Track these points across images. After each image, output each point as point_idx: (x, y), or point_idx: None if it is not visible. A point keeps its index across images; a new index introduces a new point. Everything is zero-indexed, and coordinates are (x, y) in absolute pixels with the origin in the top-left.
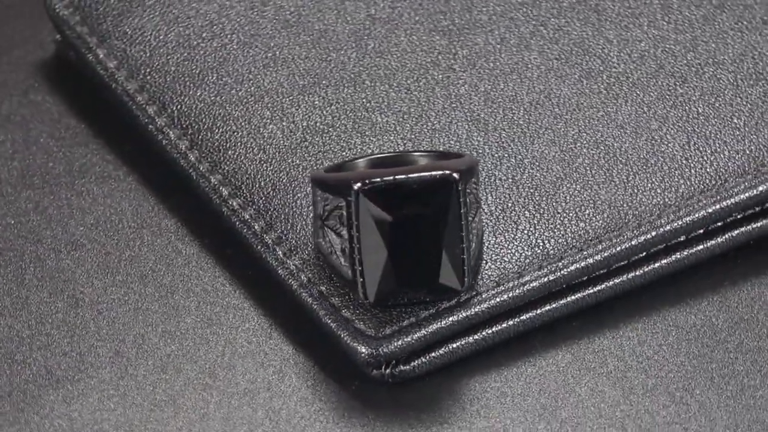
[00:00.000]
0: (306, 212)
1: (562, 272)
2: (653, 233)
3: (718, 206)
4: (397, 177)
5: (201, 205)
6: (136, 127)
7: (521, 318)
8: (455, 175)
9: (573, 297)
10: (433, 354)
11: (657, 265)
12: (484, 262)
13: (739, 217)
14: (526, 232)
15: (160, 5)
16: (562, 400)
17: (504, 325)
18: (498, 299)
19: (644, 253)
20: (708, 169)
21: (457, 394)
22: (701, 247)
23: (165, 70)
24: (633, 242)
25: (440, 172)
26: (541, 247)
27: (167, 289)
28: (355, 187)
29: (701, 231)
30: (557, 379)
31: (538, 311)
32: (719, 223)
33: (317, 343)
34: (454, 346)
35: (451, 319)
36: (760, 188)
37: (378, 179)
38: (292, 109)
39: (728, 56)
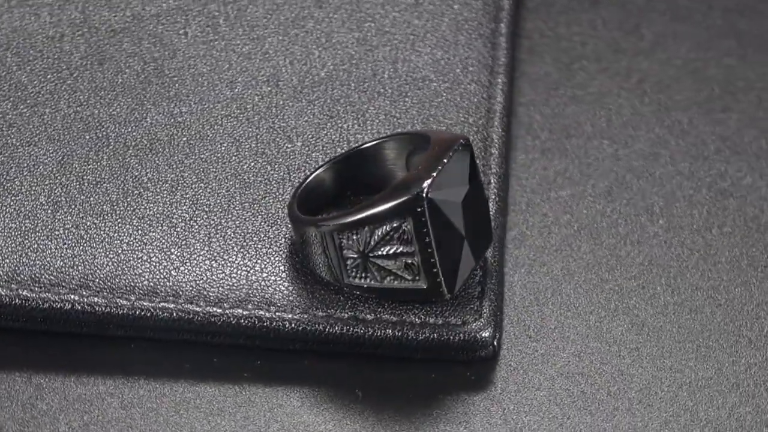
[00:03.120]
0: (288, 271)
1: (501, 176)
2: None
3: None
4: (440, 167)
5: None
6: None
7: None
8: (465, 140)
9: None
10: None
11: None
12: None
13: None
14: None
15: None
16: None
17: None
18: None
19: None
20: (476, 67)
21: (543, 325)
22: None
23: None
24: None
25: (458, 144)
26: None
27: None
28: (412, 195)
29: None
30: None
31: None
32: None
33: (381, 380)
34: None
35: (497, 269)
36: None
37: (430, 178)
38: (140, 209)
39: None
